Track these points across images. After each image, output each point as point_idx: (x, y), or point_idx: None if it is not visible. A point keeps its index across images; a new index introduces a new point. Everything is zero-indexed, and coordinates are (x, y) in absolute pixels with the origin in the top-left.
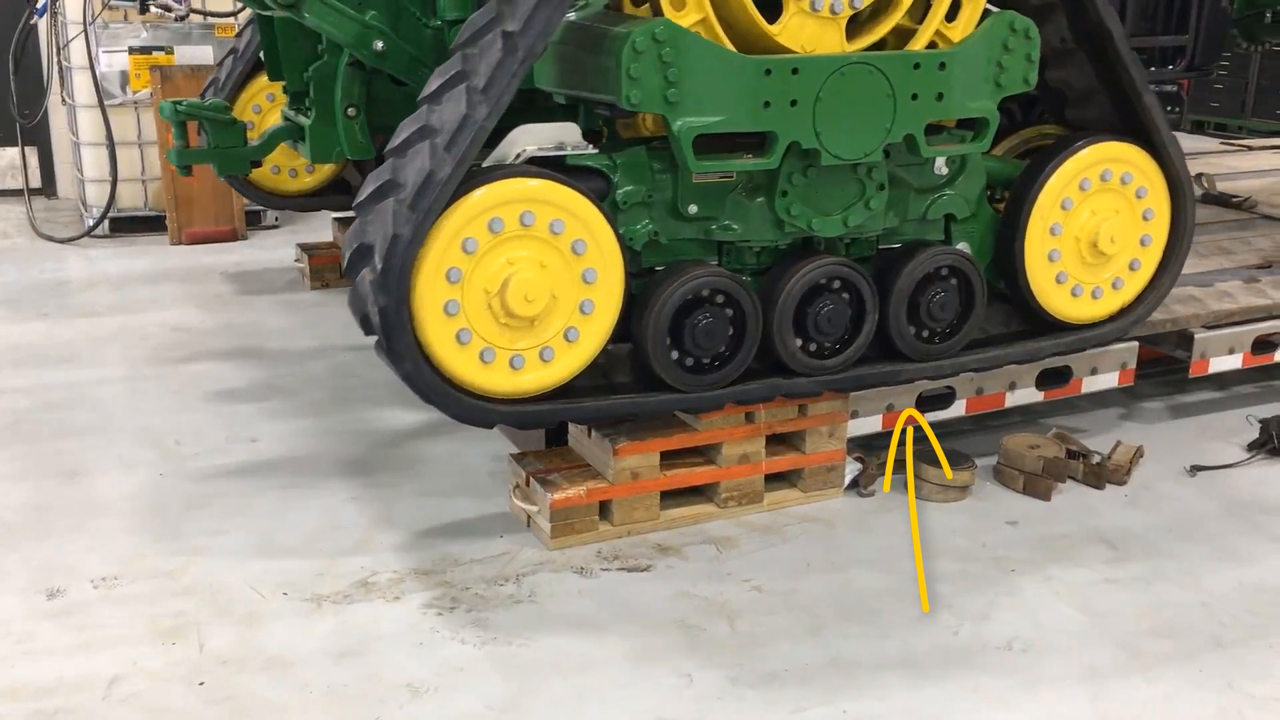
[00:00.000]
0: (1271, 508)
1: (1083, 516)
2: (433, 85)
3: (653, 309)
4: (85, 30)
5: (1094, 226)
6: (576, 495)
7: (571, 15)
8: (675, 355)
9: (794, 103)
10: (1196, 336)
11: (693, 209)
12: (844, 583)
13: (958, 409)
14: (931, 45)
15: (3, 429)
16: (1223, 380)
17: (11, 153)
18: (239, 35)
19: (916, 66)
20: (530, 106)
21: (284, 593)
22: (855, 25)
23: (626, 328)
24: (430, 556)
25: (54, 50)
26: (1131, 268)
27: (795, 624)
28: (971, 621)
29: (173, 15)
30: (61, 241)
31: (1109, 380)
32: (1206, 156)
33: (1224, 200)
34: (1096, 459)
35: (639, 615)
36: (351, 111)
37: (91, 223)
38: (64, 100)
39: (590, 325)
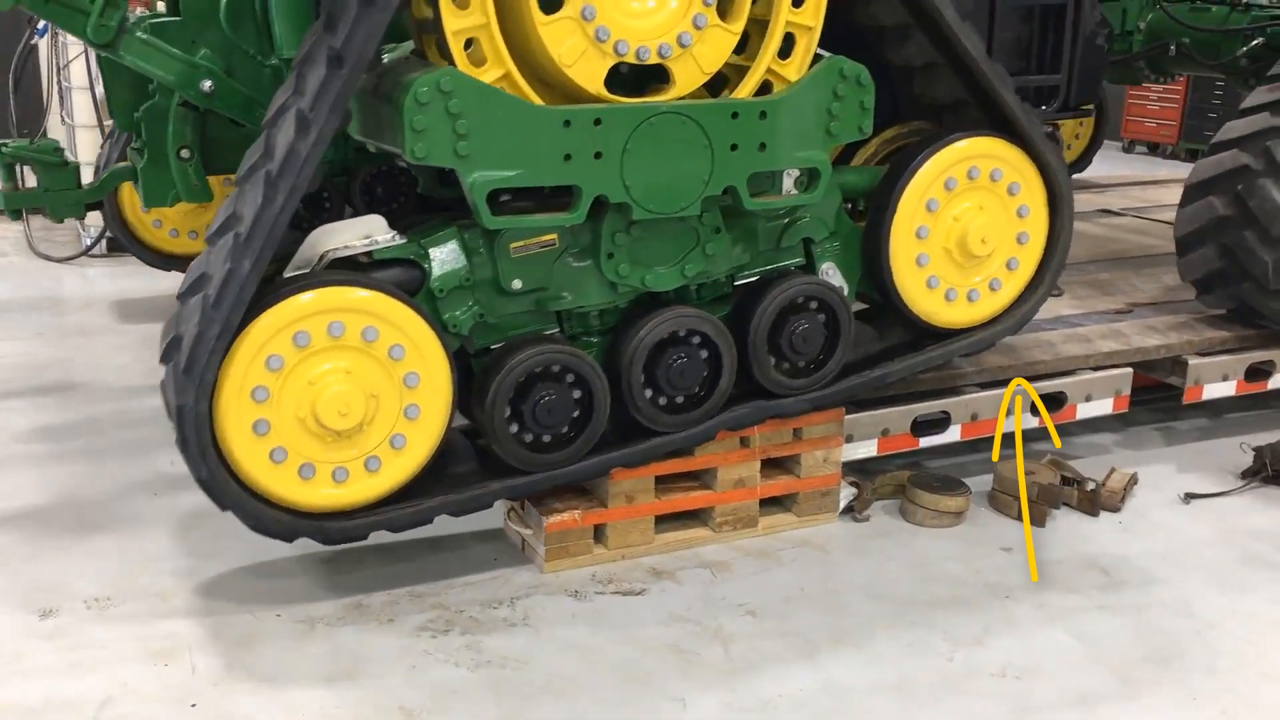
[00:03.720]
0: (1265, 535)
1: (1077, 543)
2: (244, 166)
3: (489, 393)
4: (86, 51)
5: (963, 227)
6: (571, 519)
7: (384, 56)
8: (516, 431)
9: (599, 155)
10: (1190, 363)
11: (517, 284)
12: (838, 607)
13: (952, 434)
14: (767, 85)
15: None
16: (1216, 407)
17: None
18: None
19: (735, 116)
20: None
21: (277, 614)
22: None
23: (468, 408)
24: (424, 579)
25: (54, 70)
26: (1009, 267)
27: (789, 649)
28: (965, 647)
29: None
30: (58, 260)
31: (1103, 407)
32: None
33: None
34: (1091, 485)
35: (633, 639)
36: (185, 154)
37: (89, 242)
38: (63, 120)
39: (418, 429)
